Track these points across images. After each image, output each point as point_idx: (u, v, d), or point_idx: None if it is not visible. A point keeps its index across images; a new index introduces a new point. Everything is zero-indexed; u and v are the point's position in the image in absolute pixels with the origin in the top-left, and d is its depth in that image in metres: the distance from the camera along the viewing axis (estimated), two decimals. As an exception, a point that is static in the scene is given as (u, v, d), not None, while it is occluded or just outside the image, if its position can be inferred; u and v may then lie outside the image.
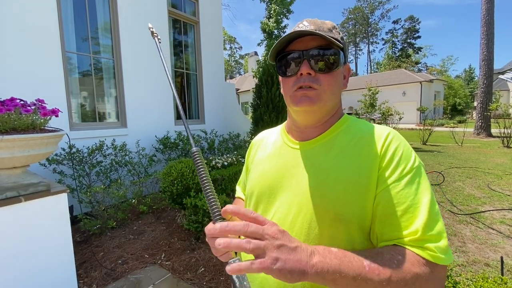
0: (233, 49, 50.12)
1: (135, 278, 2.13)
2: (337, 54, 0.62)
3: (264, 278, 0.64)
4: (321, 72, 0.62)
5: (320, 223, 0.60)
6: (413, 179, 0.55)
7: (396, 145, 0.59)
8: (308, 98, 0.62)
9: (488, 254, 2.43)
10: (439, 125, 16.02)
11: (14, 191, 1.55)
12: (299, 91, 0.63)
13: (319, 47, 0.62)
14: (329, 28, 0.64)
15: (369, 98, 10.72)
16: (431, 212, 0.52)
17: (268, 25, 11.55)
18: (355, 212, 0.57)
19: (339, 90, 0.67)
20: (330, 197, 0.59)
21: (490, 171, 5.47)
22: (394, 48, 52.82)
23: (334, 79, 0.64)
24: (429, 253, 0.49)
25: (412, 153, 0.60)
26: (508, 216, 3.22)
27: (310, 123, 0.68)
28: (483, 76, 11.61)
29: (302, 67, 0.62)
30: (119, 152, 3.50)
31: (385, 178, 0.56)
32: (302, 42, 0.63)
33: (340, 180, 0.59)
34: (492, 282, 1.36)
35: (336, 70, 0.64)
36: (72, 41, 3.43)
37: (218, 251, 0.58)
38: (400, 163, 0.57)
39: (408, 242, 0.51)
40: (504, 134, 8.77)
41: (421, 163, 0.59)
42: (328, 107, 0.66)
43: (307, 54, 0.62)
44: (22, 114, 1.55)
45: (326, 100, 0.63)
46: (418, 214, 0.52)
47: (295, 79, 0.64)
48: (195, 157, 0.62)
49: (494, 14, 11.26)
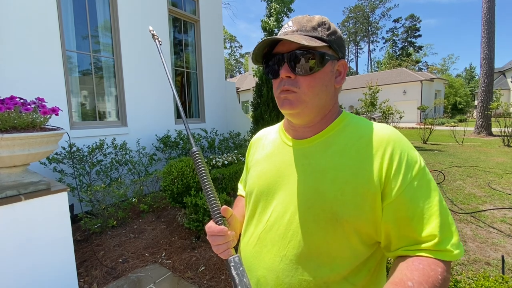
0: (233, 47, 50.09)
1: (135, 276, 2.13)
2: (317, 55, 0.60)
3: (263, 276, 0.65)
4: (301, 74, 0.61)
5: (316, 223, 0.59)
6: (421, 181, 0.56)
7: (400, 150, 0.58)
8: (289, 101, 0.62)
9: (489, 253, 2.42)
10: (440, 124, 16.00)
11: (14, 189, 1.55)
12: (282, 94, 0.64)
13: (300, 48, 0.60)
14: (313, 26, 0.62)
15: (369, 97, 10.69)
16: (442, 210, 0.55)
17: (268, 23, 11.50)
18: (351, 212, 0.57)
19: (325, 90, 0.64)
20: (327, 197, 0.58)
21: (491, 170, 5.46)
22: (395, 47, 52.73)
23: (315, 80, 0.62)
24: (447, 254, 0.53)
25: (416, 154, 0.60)
26: (508, 215, 3.21)
27: (302, 123, 0.68)
28: (483, 75, 11.58)
29: (281, 70, 0.62)
30: (119, 151, 3.49)
31: (396, 185, 0.56)
32: (285, 45, 0.62)
33: (337, 180, 0.59)
34: (493, 281, 1.36)
35: (318, 71, 0.61)
36: (72, 40, 3.42)
37: (219, 248, 0.59)
38: (408, 168, 0.57)
39: (428, 247, 0.53)
40: (505, 133, 8.75)
41: (423, 161, 0.60)
42: (314, 108, 0.64)
43: (287, 57, 0.61)
44: (22, 112, 1.54)
45: (307, 102, 0.62)
46: (431, 216, 0.54)
47: (278, 81, 0.64)
48: (195, 157, 0.63)
49: (495, 12, 11.22)
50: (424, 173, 0.57)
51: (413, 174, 0.56)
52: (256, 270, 0.66)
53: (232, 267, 0.54)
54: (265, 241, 0.66)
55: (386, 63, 43.95)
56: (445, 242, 0.52)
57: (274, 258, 0.63)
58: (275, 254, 0.63)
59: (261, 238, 0.67)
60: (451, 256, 0.52)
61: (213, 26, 5.45)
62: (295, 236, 0.61)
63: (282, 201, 0.65)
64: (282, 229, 0.63)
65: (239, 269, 0.54)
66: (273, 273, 0.62)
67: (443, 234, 0.53)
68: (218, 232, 0.60)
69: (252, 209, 0.73)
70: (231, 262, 0.55)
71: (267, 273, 0.64)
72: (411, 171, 0.56)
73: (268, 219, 0.67)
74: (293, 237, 0.61)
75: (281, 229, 0.64)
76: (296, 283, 0.60)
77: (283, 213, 0.64)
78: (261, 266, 0.65)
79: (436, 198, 0.55)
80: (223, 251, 0.59)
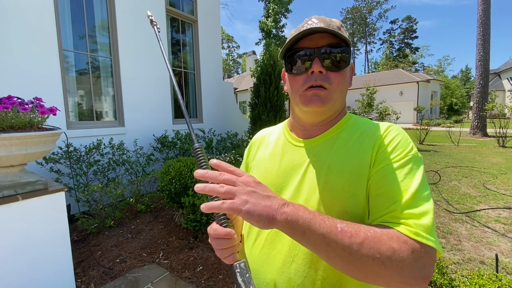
0: (231, 48, 50.07)
1: (133, 276, 2.13)
2: (346, 53, 0.62)
3: (272, 280, 0.62)
4: (332, 70, 0.61)
5: None
6: (405, 164, 0.55)
7: (395, 134, 0.60)
8: (319, 98, 0.61)
9: (483, 252, 2.46)
10: (436, 125, 16.13)
11: (11, 189, 1.55)
12: (309, 91, 0.62)
13: (330, 45, 0.61)
14: (337, 26, 0.63)
15: (366, 98, 10.76)
16: (417, 194, 0.51)
17: (266, 24, 11.55)
18: (360, 203, 0.57)
19: (346, 89, 0.66)
20: (336, 190, 0.58)
21: (486, 170, 5.52)
22: (392, 48, 53.05)
23: (343, 78, 0.63)
24: (408, 228, 0.48)
25: (410, 143, 0.60)
26: (503, 215, 3.26)
27: (317, 121, 0.68)
28: (479, 77, 11.70)
29: (314, 65, 0.60)
30: (116, 151, 3.48)
31: (379, 160, 0.57)
32: (312, 40, 0.62)
33: (343, 172, 0.59)
34: (487, 279, 1.38)
35: (345, 69, 0.63)
36: (69, 39, 3.40)
37: (223, 253, 0.55)
38: (396, 149, 0.57)
39: (388, 218, 0.51)
40: (500, 133, 8.84)
41: (418, 154, 0.58)
42: (337, 107, 0.66)
43: (319, 52, 0.60)
44: (19, 112, 1.54)
45: (335, 99, 0.63)
46: (403, 194, 0.51)
47: (305, 77, 0.63)
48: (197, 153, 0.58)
49: (490, 15, 11.35)
50: (412, 160, 0.56)
51: (399, 157, 0.56)
52: (264, 274, 0.63)
53: (238, 274, 0.49)
54: (273, 242, 0.64)
55: (383, 64, 44.21)
56: (407, 218, 0.49)
57: (286, 259, 0.61)
58: (286, 255, 0.61)
59: (269, 239, 0.65)
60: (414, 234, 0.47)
61: (211, 26, 5.46)
62: None
63: (289, 199, 0.64)
64: None
65: (246, 275, 0.49)
66: (284, 275, 0.60)
67: (407, 209, 0.50)
68: (224, 235, 0.52)
69: None
70: (237, 268, 0.50)
71: (277, 276, 0.61)
72: (398, 153, 0.56)
73: None
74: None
75: None
76: (309, 283, 0.58)
77: None
78: (270, 269, 0.63)
79: (414, 183, 0.52)
80: (228, 255, 0.53)
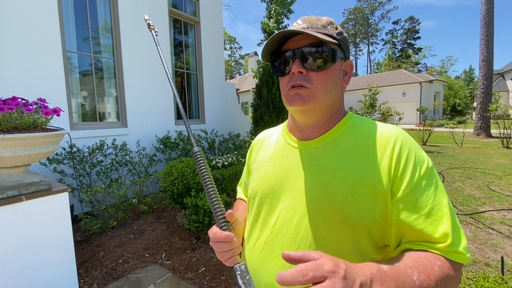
0: (233, 49, 50.15)
1: (136, 277, 2.13)
2: (329, 51, 0.61)
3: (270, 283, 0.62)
4: (313, 70, 0.61)
5: (326, 226, 0.58)
6: (430, 181, 0.56)
7: (408, 149, 0.58)
8: (300, 97, 0.61)
9: (488, 254, 2.43)
10: (439, 126, 16.03)
11: (15, 190, 1.56)
12: (292, 90, 0.63)
13: (311, 45, 0.61)
14: (323, 24, 0.63)
15: (369, 99, 10.73)
16: (452, 212, 0.54)
17: (268, 25, 11.56)
18: (363, 213, 0.56)
19: (335, 87, 0.64)
20: (338, 199, 0.57)
21: (490, 171, 5.48)
22: (394, 49, 52.88)
23: (327, 76, 0.62)
24: (460, 256, 0.52)
25: (423, 154, 0.60)
26: (508, 217, 3.22)
27: (310, 122, 0.67)
28: (482, 77, 11.62)
29: (293, 65, 0.61)
30: (119, 151, 3.50)
31: (404, 183, 0.55)
32: (295, 41, 0.62)
33: (347, 181, 0.58)
34: (492, 282, 1.36)
35: (330, 67, 0.62)
36: (73, 40, 3.43)
37: (224, 256, 0.56)
38: (416, 167, 0.57)
39: (441, 248, 0.52)
40: (504, 134, 8.78)
41: (432, 162, 0.59)
42: (324, 106, 0.64)
43: (298, 53, 0.61)
44: (23, 113, 1.55)
45: (319, 98, 0.62)
46: (442, 217, 0.53)
47: (288, 78, 0.64)
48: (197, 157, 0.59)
49: (494, 15, 11.27)
50: (432, 173, 0.57)
51: (421, 173, 0.56)
52: (263, 276, 0.64)
53: (239, 276, 0.51)
54: (272, 246, 0.64)
55: (386, 65, 44.08)
56: (457, 244, 0.52)
57: (284, 262, 0.60)
58: None
59: (268, 243, 0.65)
60: (464, 259, 0.52)
61: (213, 27, 5.47)
62: (304, 239, 0.60)
63: (289, 204, 0.64)
64: (290, 233, 0.62)
65: (246, 277, 0.51)
66: None
67: (455, 236, 0.52)
68: (224, 238, 0.56)
69: (256, 213, 0.72)
70: (237, 270, 0.52)
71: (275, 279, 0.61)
72: (419, 170, 0.56)
73: (275, 223, 0.65)
74: (302, 241, 0.60)
75: (289, 233, 0.62)
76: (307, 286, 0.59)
77: (291, 217, 0.63)
78: (268, 272, 0.63)
79: (445, 199, 0.55)
80: (228, 258, 0.56)
